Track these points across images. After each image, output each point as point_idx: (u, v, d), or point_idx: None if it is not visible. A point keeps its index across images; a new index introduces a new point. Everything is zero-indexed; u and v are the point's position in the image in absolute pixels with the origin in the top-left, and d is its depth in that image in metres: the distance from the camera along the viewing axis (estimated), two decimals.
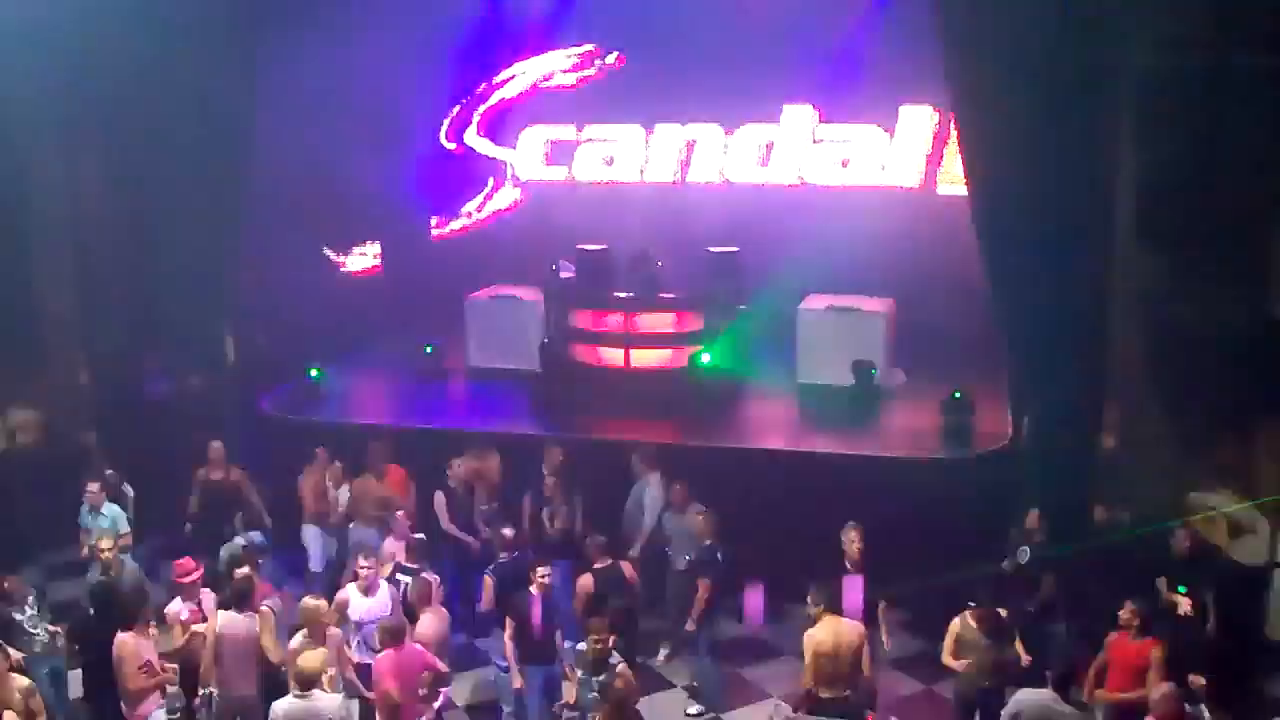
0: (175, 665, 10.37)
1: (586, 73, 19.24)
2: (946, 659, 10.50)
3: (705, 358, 15.38)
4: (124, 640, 10.09)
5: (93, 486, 12.99)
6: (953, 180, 16.74)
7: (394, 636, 9.87)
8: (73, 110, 15.35)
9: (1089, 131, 11.90)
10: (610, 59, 19.11)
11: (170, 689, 10.20)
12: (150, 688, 10.11)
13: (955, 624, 10.47)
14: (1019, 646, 10.49)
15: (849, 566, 11.20)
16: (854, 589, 11.00)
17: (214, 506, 13.59)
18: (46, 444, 16.20)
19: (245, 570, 11.02)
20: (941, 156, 17.63)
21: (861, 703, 10.09)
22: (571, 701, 10.13)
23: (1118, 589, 10.43)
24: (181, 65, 14.49)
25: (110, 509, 12.94)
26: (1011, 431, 13.69)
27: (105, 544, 11.90)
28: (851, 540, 11.25)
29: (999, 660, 10.26)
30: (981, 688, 10.29)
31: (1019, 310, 12.76)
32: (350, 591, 10.99)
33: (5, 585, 11.19)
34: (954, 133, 14.45)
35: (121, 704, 10.18)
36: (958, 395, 14.13)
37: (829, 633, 9.94)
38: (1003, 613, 10.44)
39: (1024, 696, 9.34)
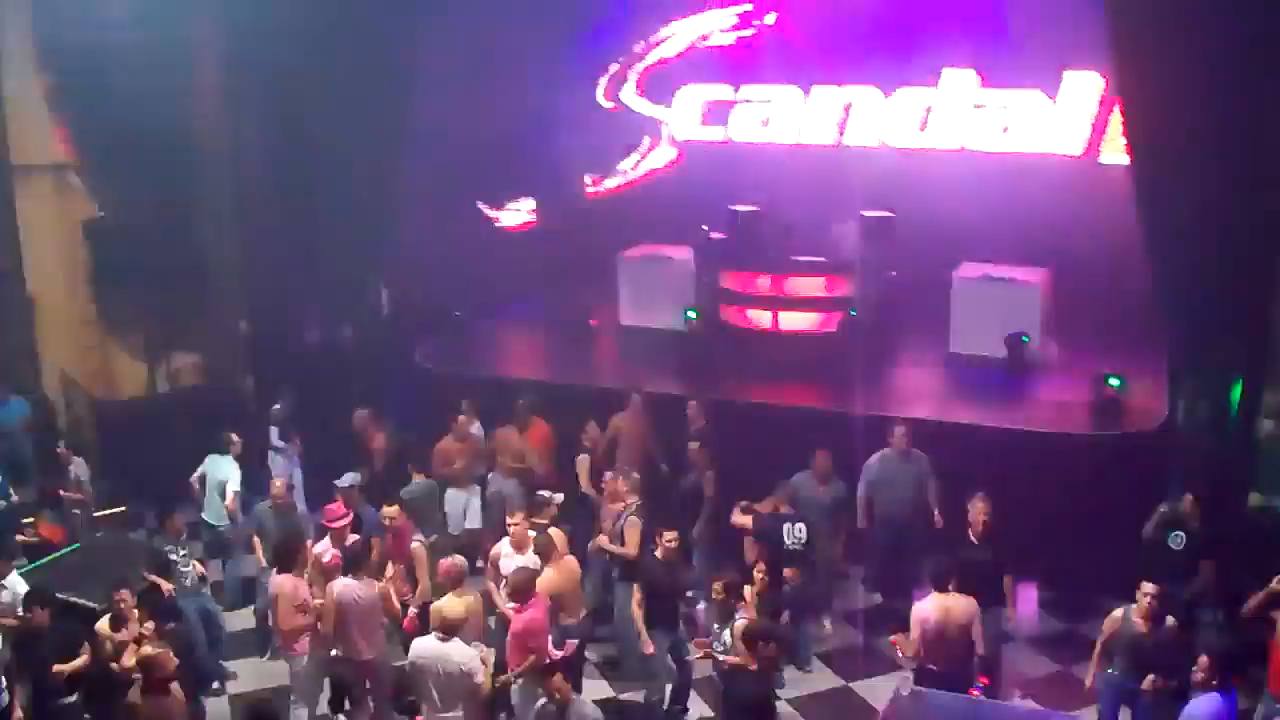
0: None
1: (744, 33, 19.07)
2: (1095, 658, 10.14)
3: (853, 322, 15.24)
4: (281, 581, 10.45)
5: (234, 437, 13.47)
6: (1117, 149, 16.20)
7: (519, 594, 10.04)
8: (239, 64, 15.78)
9: (1255, 102, 11.39)
10: (768, 19, 18.89)
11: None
12: (303, 627, 10.42)
13: (1116, 614, 9.95)
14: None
15: (973, 539, 11.05)
16: (978, 562, 10.78)
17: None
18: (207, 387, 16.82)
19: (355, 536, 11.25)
20: (1107, 124, 17.05)
21: (969, 676, 9.98)
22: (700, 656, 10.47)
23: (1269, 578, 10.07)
24: (346, 24, 14.79)
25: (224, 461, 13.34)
26: (1168, 411, 13.27)
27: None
28: (979, 511, 11.03)
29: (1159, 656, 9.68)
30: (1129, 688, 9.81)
31: (1179, 286, 12.32)
32: (503, 546, 11.13)
33: (168, 523, 11.71)
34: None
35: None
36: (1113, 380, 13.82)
37: (936, 608, 9.92)
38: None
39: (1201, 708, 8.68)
